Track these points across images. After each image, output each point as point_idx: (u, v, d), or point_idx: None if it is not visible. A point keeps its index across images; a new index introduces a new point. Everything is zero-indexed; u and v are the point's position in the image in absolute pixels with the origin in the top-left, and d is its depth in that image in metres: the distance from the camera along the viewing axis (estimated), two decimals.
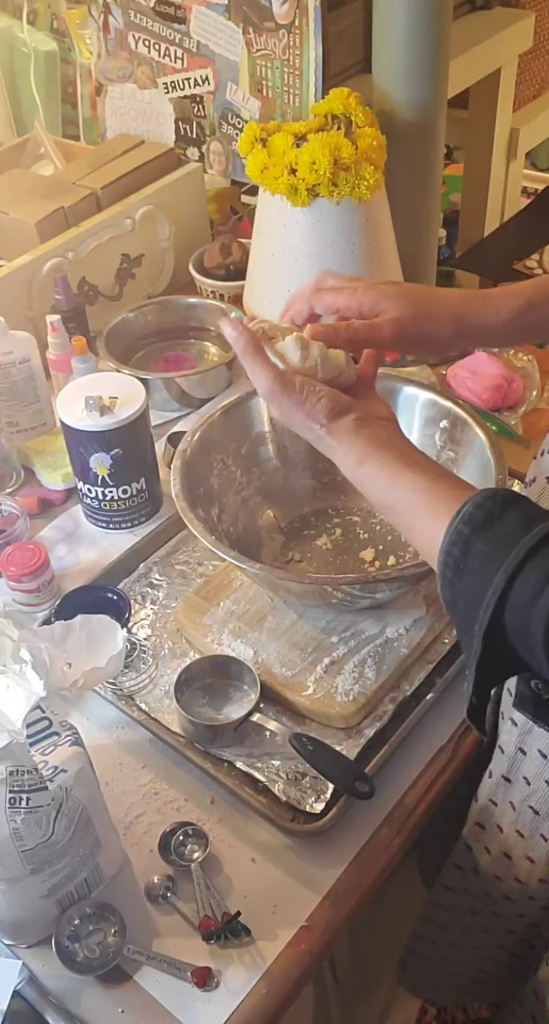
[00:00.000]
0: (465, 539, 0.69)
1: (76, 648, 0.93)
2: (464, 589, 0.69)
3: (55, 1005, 0.86)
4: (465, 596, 0.69)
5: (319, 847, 0.94)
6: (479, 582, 0.67)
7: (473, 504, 0.70)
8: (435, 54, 1.53)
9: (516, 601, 0.65)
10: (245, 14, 1.60)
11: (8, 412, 1.40)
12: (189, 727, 1.02)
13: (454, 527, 0.70)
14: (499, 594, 0.65)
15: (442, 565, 0.71)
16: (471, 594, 0.68)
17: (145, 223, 1.64)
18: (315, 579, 1.07)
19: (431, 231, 1.74)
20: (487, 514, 0.69)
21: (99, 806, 0.90)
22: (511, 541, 0.66)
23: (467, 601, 0.69)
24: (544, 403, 1.47)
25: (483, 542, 0.68)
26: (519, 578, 0.65)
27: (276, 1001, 0.86)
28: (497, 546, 0.67)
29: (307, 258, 1.44)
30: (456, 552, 0.69)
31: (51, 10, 1.95)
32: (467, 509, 0.70)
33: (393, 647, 1.07)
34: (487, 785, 0.96)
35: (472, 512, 0.69)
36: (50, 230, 1.57)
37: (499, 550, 0.67)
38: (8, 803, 0.80)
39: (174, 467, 1.12)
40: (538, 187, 2.59)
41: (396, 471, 0.78)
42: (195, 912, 0.91)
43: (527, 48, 2.00)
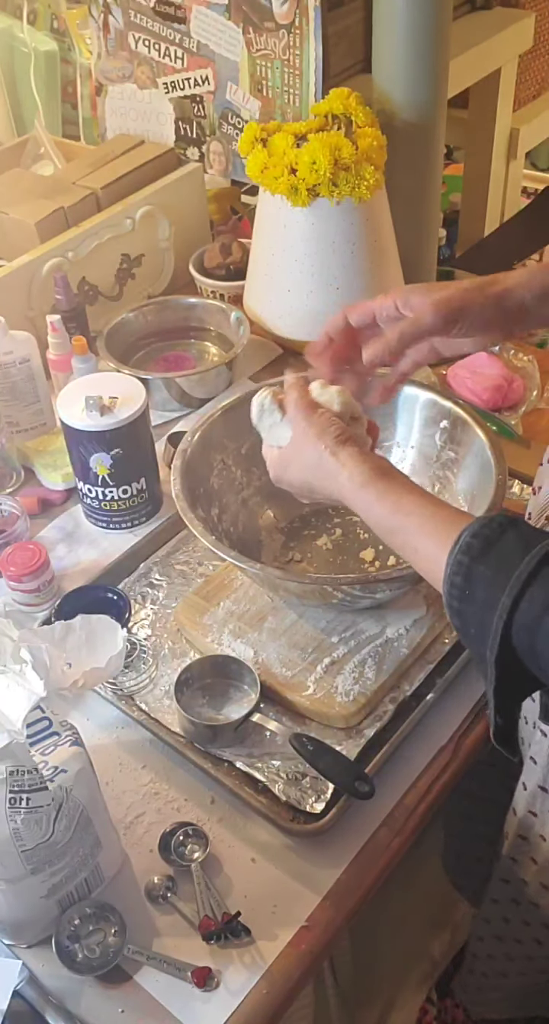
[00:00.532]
0: (466, 568, 0.70)
1: (76, 648, 0.93)
2: (472, 615, 0.70)
3: (55, 1005, 0.86)
4: (474, 621, 0.70)
5: (319, 847, 0.94)
6: (485, 607, 0.68)
7: (470, 533, 0.71)
8: (435, 54, 1.53)
9: (523, 621, 0.66)
10: (245, 14, 1.60)
11: (8, 412, 1.40)
12: (189, 727, 1.02)
13: (454, 557, 0.71)
14: (506, 617, 0.66)
15: (447, 596, 0.72)
16: (479, 619, 0.69)
17: (145, 223, 1.64)
18: (315, 579, 1.07)
19: (431, 231, 1.74)
20: (484, 541, 0.70)
21: (99, 806, 0.90)
22: (512, 563, 0.67)
23: (476, 626, 0.70)
24: (544, 403, 1.47)
25: (484, 567, 0.69)
26: (525, 599, 0.66)
27: (276, 1001, 0.86)
28: (498, 570, 0.68)
29: (307, 258, 1.44)
30: (459, 581, 0.71)
31: (51, 10, 1.95)
32: (464, 539, 0.71)
33: (393, 647, 1.07)
34: (523, 797, 0.95)
35: (469, 541, 0.71)
36: (50, 230, 1.57)
37: (501, 573, 0.68)
38: (8, 803, 0.80)
39: (174, 467, 1.12)
40: (538, 187, 2.59)
41: (400, 495, 0.81)
42: (195, 912, 0.91)
43: (527, 48, 2.00)
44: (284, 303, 1.49)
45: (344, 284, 1.45)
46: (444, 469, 1.18)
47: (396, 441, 1.22)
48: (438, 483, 1.19)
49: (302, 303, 1.47)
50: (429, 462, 1.20)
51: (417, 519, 0.78)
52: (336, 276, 1.45)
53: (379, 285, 1.48)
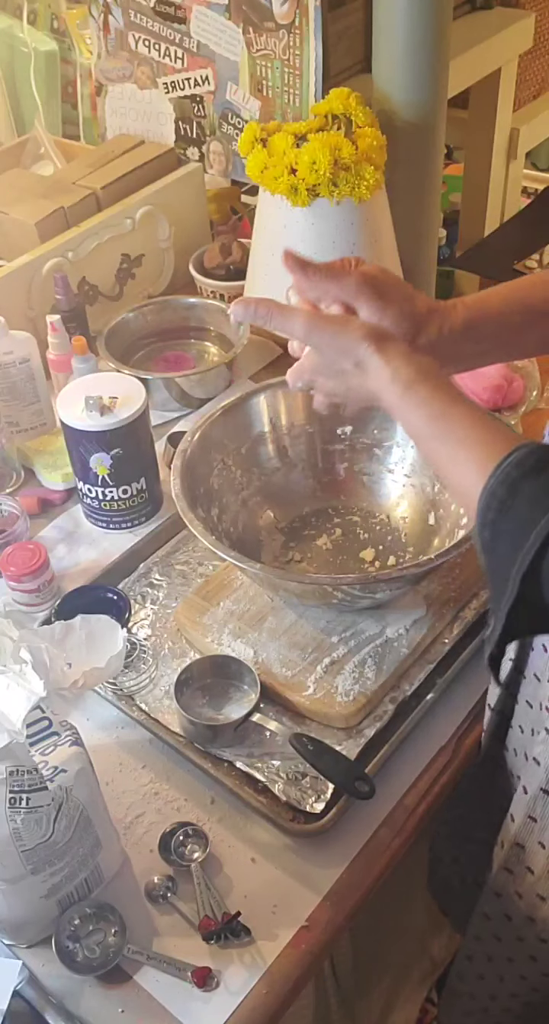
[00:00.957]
0: (513, 481, 0.67)
1: (76, 648, 0.93)
2: (507, 529, 0.67)
3: (55, 1005, 0.86)
4: (507, 536, 0.67)
5: (319, 847, 0.94)
6: (524, 523, 0.65)
7: (528, 449, 0.68)
8: (435, 54, 1.53)
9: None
10: (245, 14, 1.60)
11: (8, 412, 1.40)
12: (189, 727, 1.02)
13: (503, 468, 0.68)
14: (543, 538, 0.64)
15: (484, 505, 0.68)
16: (514, 535, 0.66)
17: (145, 223, 1.64)
18: (315, 579, 1.07)
19: (431, 231, 1.74)
20: (539, 460, 0.67)
21: (99, 806, 0.90)
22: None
23: (508, 542, 0.67)
24: (544, 403, 1.47)
25: (532, 485, 0.66)
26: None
27: (276, 1001, 0.86)
28: (547, 492, 0.66)
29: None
30: (502, 492, 0.67)
31: (51, 10, 1.95)
32: (520, 452, 0.68)
33: (393, 647, 1.07)
34: (523, 802, 0.91)
35: (525, 456, 0.68)
36: (50, 230, 1.57)
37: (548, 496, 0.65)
38: (8, 803, 0.80)
39: (174, 467, 1.12)
40: (538, 187, 2.59)
41: (449, 401, 0.76)
42: (195, 912, 0.91)
43: (527, 48, 1.99)
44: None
45: None
46: None
47: (396, 441, 1.22)
48: (438, 483, 1.19)
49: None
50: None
51: (461, 430, 0.74)
52: None
53: None
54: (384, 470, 1.24)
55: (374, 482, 1.25)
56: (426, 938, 1.39)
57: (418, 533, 1.20)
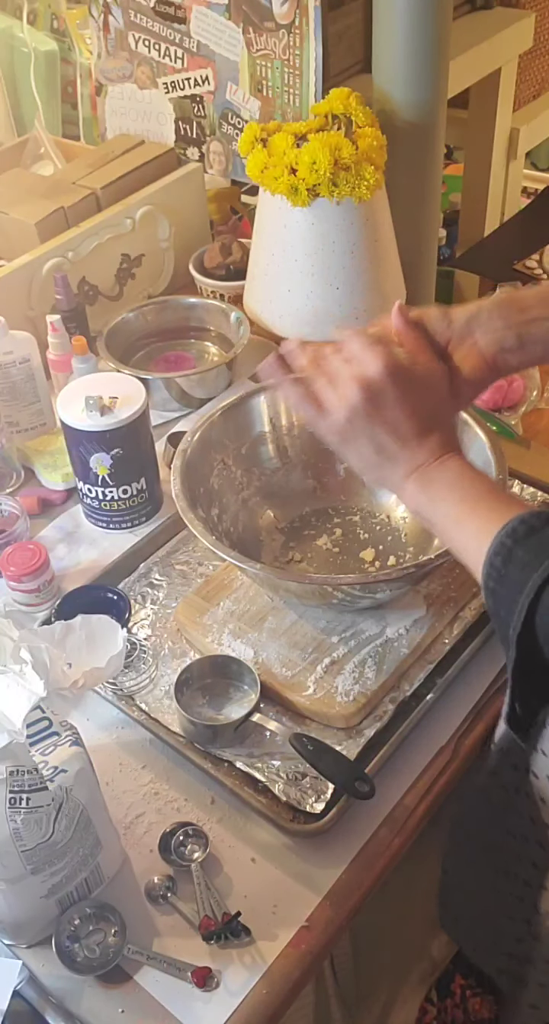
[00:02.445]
0: (508, 550, 0.71)
1: (76, 648, 0.93)
2: (504, 595, 0.71)
3: (55, 1005, 0.86)
4: (505, 602, 0.71)
5: (319, 847, 0.94)
6: (517, 587, 0.69)
7: (518, 520, 0.72)
8: (435, 54, 1.53)
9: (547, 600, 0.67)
10: (245, 14, 1.60)
11: (8, 412, 1.40)
12: (189, 727, 1.02)
13: (498, 539, 0.72)
14: (533, 596, 0.67)
15: (486, 576, 0.73)
16: (510, 599, 0.70)
17: (145, 223, 1.64)
18: (315, 579, 1.07)
19: (431, 231, 1.74)
20: (530, 528, 0.71)
21: (99, 806, 0.90)
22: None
23: (506, 607, 0.71)
24: (544, 403, 1.47)
25: (524, 551, 0.71)
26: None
27: (276, 1001, 0.86)
28: (536, 555, 0.69)
29: (307, 258, 1.44)
30: (498, 562, 0.72)
31: (51, 10, 1.95)
32: (512, 524, 0.72)
33: (393, 647, 1.07)
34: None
35: (516, 527, 0.72)
36: (50, 230, 1.57)
37: (538, 558, 0.69)
38: (8, 803, 0.80)
39: (174, 467, 1.12)
40: (538, 187, 2.58)
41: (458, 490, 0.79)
42: (195, 912, 0.91)
43: (527, 48, 1.99)
44: (284, 303, 1.49)
45: (344, 284, 1.45)
46: None
47: None
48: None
49: (302, 303, 1.47)
50: None
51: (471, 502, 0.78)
52: (336, 276, 1.45)
53: (379, 285, 1.48)
54: None
55: None
56: (426, 938, 1.39)
57: (418, 533, 1.20)
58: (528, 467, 1.27)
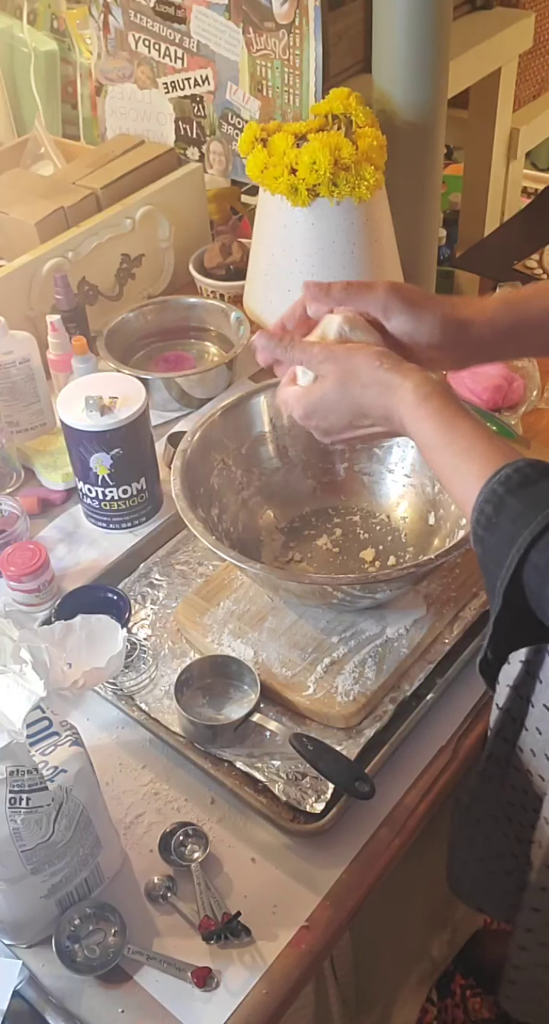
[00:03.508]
0: (499, 498, 0.71)
1: (76, 648, 0.93)
2: (493, 545, 0.71)
3: (55, 1005, 0.86)
4: (493, 552, 0.71)
5: (319, 847, 0.94)
6: (507, 539, 0.69)
7: (513, 467, 0.72)
8: (435, 54, 1.53)
9: (537, 561, 0.67)
10: (245, 14, 1.60)
11: (8, 412, 1.40)
12: (189, 727, 1.02)
13: (490, 486, 0.72)
14: (522, 551, 0.67)
15: (475, 523, 0.72)
16: (498, 550, 0.70)
17: (145, 223, 1.64)
18: (315, 579, 1.07)
19: (431, 231, 1.74)
20: (524, 477, 0.71)
21: (99, 806, 0.90)
22: (543, 504, 0.68)
23: (494, 557, 0.70)
24: (544, 403, 1.47)
25: (516, 501, 0.70)
26: (543, 539, 0.67)
27: (276, 1001, 0.86)
28: (529, 506, 0.69)
29: (307, 258, 1.44)
30: (488, 510, 0.71)
31: (51, 10, 1.95)
32: (506, 471, 0.72)
33: (393, 647, 1.07)
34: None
35: (510, 474, 0.71)
36: (50, 230, 1.57)
37: (530, 510, 0.68)
38: (8, 803, 0.80)
39: (174, 467, 1.12)
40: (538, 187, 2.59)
41: (458, 413, 0.80)
42: (195, 912, 0.91)
43: (527, 48, 1.99)
44: (284, 303, 1.48)
45: None
46: None
47: (396, 441, 1.22)
48: (438, 483, 1.19)
49: None
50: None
51: (466, 441, 0.78)
52: (336, 276, 1.45)
53: None
54: (384, 470, 1.24)
55: (374, 482, 1.25)
56: (426, 938, 1.39)
57: (418, 533, 1.20)
58: None
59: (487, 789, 1.01)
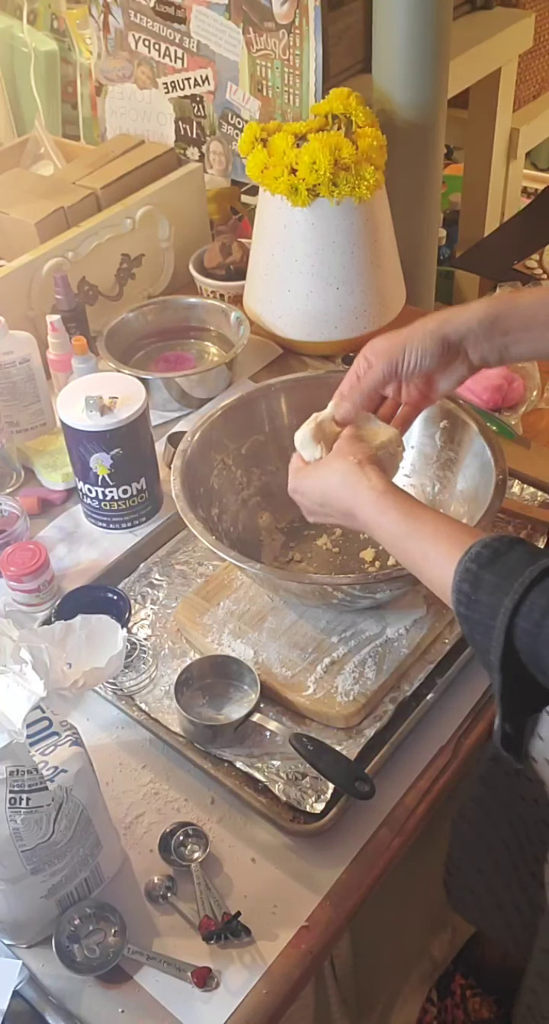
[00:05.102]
0: (473, 575, 0.73)
1: (76, 648, 0.92)
2: (477, 620, 0.73)
3: (55, 1005, 0.86)
4: (479, 626, 0.72)
5: (319, 847, 0.94)
6: (489, 611, 0.71)
7: (481, 544, 0.74)
8: (435, 54, 1.53)
9: (524, 626, 0.68)
10: (245, 14, 1.60)
11: (8, 412, 1.40)
12: (189, 727, 1.02)
13: (463, 565, 0.74)
14: (508, 619, 0.69)
15: (455, 603, 0.75)
16: (484, 624, 0.72)
17: (145, 223, 1.64)
18: (315, 579, 1.07)
19: (431, 231, 1.74)
20: (494, 552, 0.73)
21: (99, 806, 0.90)
22: (516, 572, 0.70)
23: (481, 631, 0.72)
24: (544, 403, 1.47)
25: (491, 574, 0.72)
26: (526, 603, 0.68)
27: (276, 1001, 0.86)
28: (504, 577, 0.71)
29: (307, 258, 1.44)
30: (466, 588, 0.73)
31: (51, 10, 1.95)
32: (475, 549, 0.74)
33: (393, 647, 1.07)
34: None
35: (479, 551, 0.74)
36: (50, 230, 1.57)
37: (506, 580, 0.71)
38: (8, 803, 0.80)
39: (174, 467, 1.12)
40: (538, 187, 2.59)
41: (415, 505, 0.86)
42: (195, 912, 0.91)
43: (527, 48, 2.00)
44: (284, 303, 1.49)
45: (344, 284, 1.45)
46: (444, 469, 1.18)
47: None
48: (438, 483, 1.19)
49: (302, 303, 1.48)
50: (429, 462, 1.20)
51: (431, 527, 0.82)
52: (336, 276, 1.45)
53: (379, 285, 1.48)
54: None
55: None
56: (426, 938, 1.39)
57: None
58: (528, 467, 1.27)
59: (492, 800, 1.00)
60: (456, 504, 1.15)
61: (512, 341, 0.92)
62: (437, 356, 0.93)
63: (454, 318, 0.91)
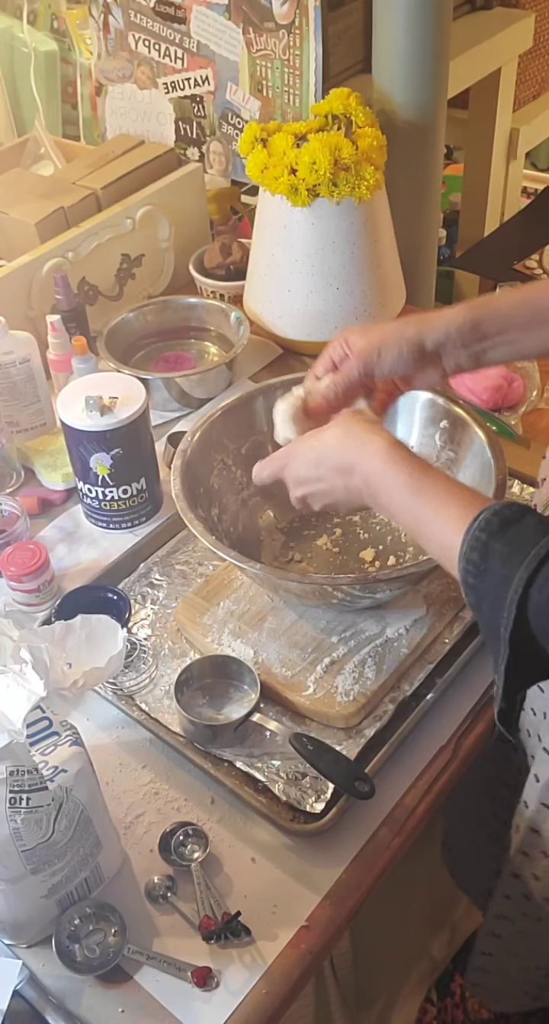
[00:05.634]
0: (483, 544, 0.71)
1: (76, 648, 0.93)
2: (486, 591, 0.70)
3: (55, 1005, 0.86)
4: (488, 597, 0.70)
5: (319, 847, 0.94)
6: (501, 582, 0.69)
7: (491, 511, 0.72)
8: (435, 54, 1.53)
9: (539, 598, 0.66)
10: (245, 14, 1.60)
11: (8, 412, 1.40)
12: (189, 727, 1.02)
13: (472, 533, 0.72)
14: (522, 590, 0.67)
15: (463, 572, 0.72)
16: (493, 594, 0.69)
17: (145, 223, 1.64)
18: (315, 579, 1.07)
19: (431, 231, 1.74)
20: (504, 520, 0.71)
21: (99, 806, 0.90)
22: (530, 542, 0.68)
23: (490, 602, 0.70)
24: (544, 403, 1.47)
25: (501, 544, 0.70)
26: (540, 576, 0.66)
27: (276, 1001, 0.86)
28: (516, 547, 0.69)
29: (307, 258, 1.44)
30: (475, 557, 0.71)
31: (51, 10, 1.95)
32: (484, 516, 0.72)
33: (393, 647, 1.07)
34: (535, 790, 0.96)
35: (489, 518, 0.71)
36: (50, 230, 1.57)
37: (518, 550, 0.68)
38: (8, 803, 0.80)
39: (174, 467, 1.12)
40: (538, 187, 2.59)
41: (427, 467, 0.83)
42: (195, 912, 0.91)
43: (527, 48, 2.00)
44: (284, 303, 1.49)
45: (344, 284, 1.45)
46: (444, 469, 1.18)
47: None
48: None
49: (302, 303, 1.48)
50: (429, 462, 1.20)
51: (443, 484, 0.80)
52: (336, 276, 1.45)
53: (379, 285, 1.48)
54: None
55: None
56: (426, 938, 1.39)
57: None
58: (528, 467, 1.27)
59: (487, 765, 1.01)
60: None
61: (489, 346, 0.91)
62: (411, 362, 0.93)
63: (432, 324, 0.91)
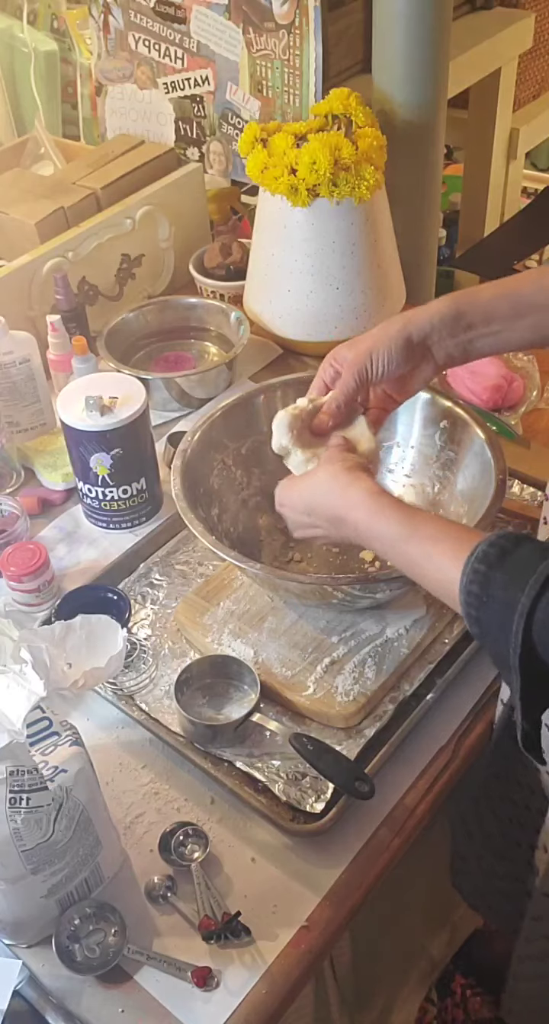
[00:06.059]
0: (483, 575, 0.71)
1: (76, 648, 0.93)
2: (490, 619, 0.71)
3: (55, 1005, 0.86)
4: (493, 625, 0.71)
5: (319, 847, 0.94)
6: (504, 609, 0.69)
7: (487, 543, 0.72)
8: (435, 54, 1.53)
9: (543, 619, 0.66)
10: (245, 14, 1.60)
11: (8, 412, 1.40)
12: (189, 727, 1.02)
13: (470, 566, 0.72)
14: (526, 615, 0.67)
15: (465, 605, 0.73)
16: (498, 623, 0.70)
17: (145, 223, 1.64)
18: (315, 579, 1.07)
19: (431, 231, 1.74)
20: (501, 550, 0.71)
21: (99, 806, 0.90)
22: (529, 568, 0.68)
23: (495, 630, 0.70)
24: (544, 403, 1.47)
25: (501, 573, 0.70)
26: (544, 597, 0.66)
27: (276, 1001, 0.86)
28: (516, 574, 0.69)
29: (307, 258, 1.44)
30: (475, 589, 0.71)
31: (51, 10, 1.95)
32: (481, 548, 0.72)
33: (393, 647, 1.07)
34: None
35: (486, 550, 0.72)
36: (50, 230, 1.57)
37: (519, 577, 0.69)
38: (8, 803, 0.80)
39: (174, 467, 1.12)
40: (538, 187, 2.59)
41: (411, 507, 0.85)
42: (195, 912, 0.91)
43: (527, 48, 2.00)
44: (284, 303, 1.49)
45: (344, 284, 1.45)
46: (444, 469, 1.18)
47: (396, 441, 1.22)
48: (438, 483, 1.19)
49: (302, 303, 1.48)
50: (429, 462, 1.20)
51: (431, 527, 0.80)
52: (336, 276, 1.45)
53: (379, 285, 1.48)
54: (384, 470, 1.24)
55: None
56: (426, 938, 1.39)
57: None
58: (528, 467, 1.27)
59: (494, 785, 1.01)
60: (456, 504, 1.15)
61: (476, 336, 0.91)
62: (403, 359, 0.92)
63: (416, 318, 0.91)
